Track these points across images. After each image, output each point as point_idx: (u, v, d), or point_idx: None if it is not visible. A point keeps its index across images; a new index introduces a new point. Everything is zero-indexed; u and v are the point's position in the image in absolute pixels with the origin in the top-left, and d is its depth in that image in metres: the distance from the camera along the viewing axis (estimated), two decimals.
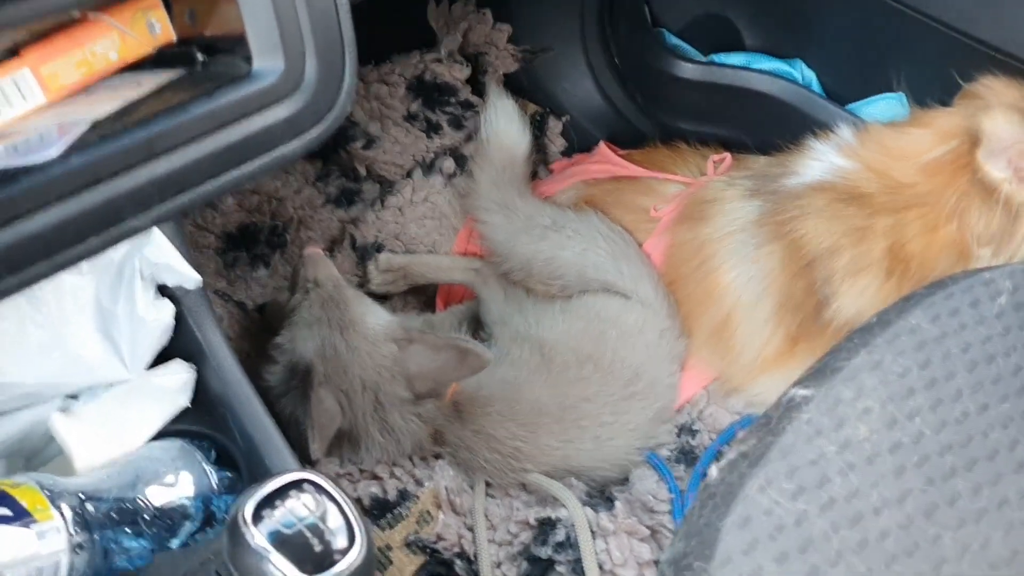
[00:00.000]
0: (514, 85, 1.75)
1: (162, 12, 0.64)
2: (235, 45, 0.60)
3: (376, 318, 1.23)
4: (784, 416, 0.81)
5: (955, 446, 0.81)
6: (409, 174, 1.62)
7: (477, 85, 1.73)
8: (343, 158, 1.67)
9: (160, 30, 0.64)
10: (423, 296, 1.61)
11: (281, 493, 0.61)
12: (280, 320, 1.26)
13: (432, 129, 1.67)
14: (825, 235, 1.22)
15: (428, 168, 1.62)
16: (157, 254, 0.83)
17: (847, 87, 1.45)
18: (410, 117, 1.67)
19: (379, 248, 1.55)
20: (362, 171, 1.67)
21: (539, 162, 1.72)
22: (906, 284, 1.17)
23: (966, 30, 1.22)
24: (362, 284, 1.53)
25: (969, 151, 1.14)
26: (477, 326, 1.49)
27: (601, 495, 1.25)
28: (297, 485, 0.61)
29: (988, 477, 0.80)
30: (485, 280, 1.50)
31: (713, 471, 0.81)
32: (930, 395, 0.83)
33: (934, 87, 1.29)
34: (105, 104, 0.59)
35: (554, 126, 1.75)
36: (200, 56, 0.62)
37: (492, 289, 1.48)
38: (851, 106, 1.44)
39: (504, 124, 1.54)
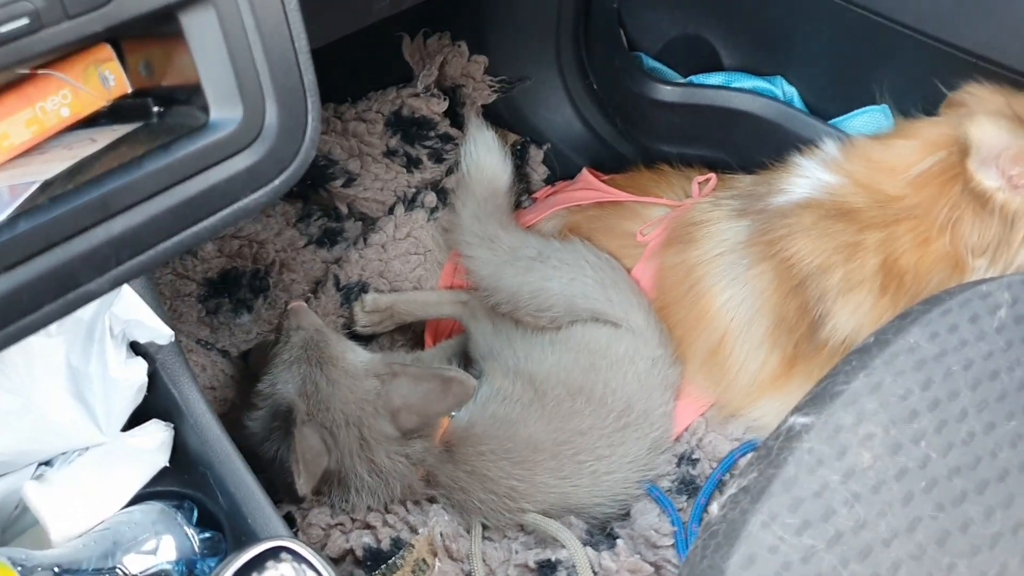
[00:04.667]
0: (493, 116, 1.73)
1: (116, 64, 0.61)
2: (192, 95, 0.57)
3: (357, 355, 1.21)
4: (784, 446, 0.78)
5: (963, 468, 0.78)
6: (391, 210, 1.60)
7: (456, 118, 1.71)
8: (324, 197, 1.65)
9: (115, 82, 0.61)
10: (410, 334, 1.58)
11: (258, 563, 0.58)
12: (264, 367, 1.24)
13: (412, 164, 1.66)
14: (815, 253, 1.19)
15: (410, 203, 1.60)
16: (127, 310, 0.80)
17: (830, 101, 1.44)
18: (390, 153, 1.65)
19: (363, 288, 1.53)
20: (343, 209, 1.65)
21: (522, 191, 1.70)
22: (901, 300, 1.15)
23: (946, 38, 1.20)
24: (348, 326, 1.51)
25: (958, 161, 1.12)
26: (468, 361, 1.46)
27: (602, 532, 1.21)
28: (274, 553, 0.58)
29: (1000, 499, 0.77)
30: (473, 313, 1.48)
31: (714, 507, 0.77)
32: (934, 416, 0.80)
33: (917, 97, 1.27)
34: (57, 163, 0.56)
35: (535, 155, 1.73)
36: (156, 108, 0.60)
37: (481, 322, 1.46)
38: (835, 120, 1.42)
39: (484, 156, 1.52)
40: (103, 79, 0.61)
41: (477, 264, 1.48)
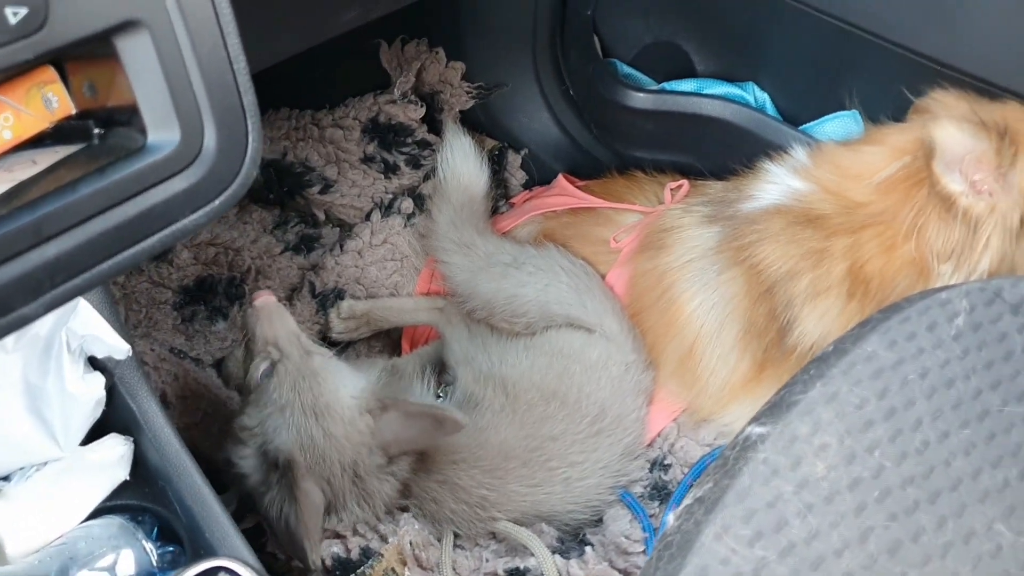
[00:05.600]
0: (471, 122, 1.74)
1: (59, 86, 0.61)
2: (131, 117, 0.57)
3: (348, 389, 1.15)
4: (740, 456, 0.78)
5: (917, 478, 0.78)
6: (368, 216, 1.60)
7: (434, 123, 1.72)
8: (301, 204, 1.65)
9: (58, 104, 0.61)
10: (387, 340, 1.58)
11: None
12: (233, 378, 1.23)
13: (389, 170, 1.66)
14: (783, 259, 1.20)
15: (387, 209, 1.60)
16: (84, 325, 0.80)
17: (801, 107, 1.44)
18: (367, 159, 1.66)
19: (340, 294, 1.53)
20: (320, 216, 1.65)
21: (500, 197, 1.70)
22: (868, 305, 1.15)
23: (913, 47, 1.21)
24: (324, 333, 1.51)
25: (923, 166, 1.12)
26: (443, 367, 1.46)
27: (574, 539, 1.22)
28: (212, 574, 0.58)
29: (952, 509, 0.77)
30: (449, 319, 1.48)
31: (671, 519, 0.78)
32: (889, 426, 0.80)
33: (886, 103, 1.28)
34: None
35: (513, 160, 1.74)
36: (97, 129, 0.60)
37: (456, 328, 1.46)
38: (806, 126, 1.42)
39: (461, 162, 1.53)
40: (46, 101, 0.61)
41: (453, 270, 1.48)
